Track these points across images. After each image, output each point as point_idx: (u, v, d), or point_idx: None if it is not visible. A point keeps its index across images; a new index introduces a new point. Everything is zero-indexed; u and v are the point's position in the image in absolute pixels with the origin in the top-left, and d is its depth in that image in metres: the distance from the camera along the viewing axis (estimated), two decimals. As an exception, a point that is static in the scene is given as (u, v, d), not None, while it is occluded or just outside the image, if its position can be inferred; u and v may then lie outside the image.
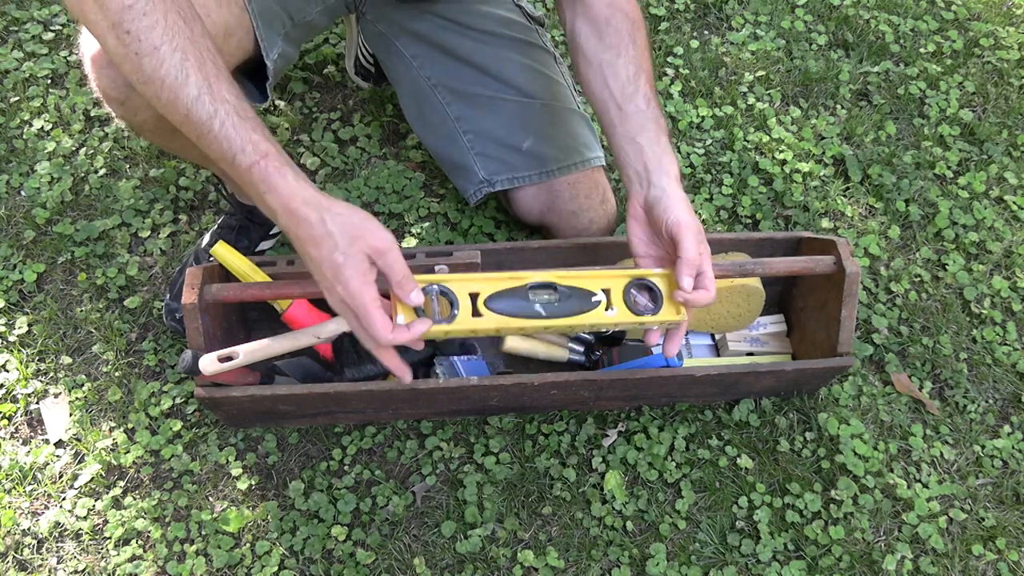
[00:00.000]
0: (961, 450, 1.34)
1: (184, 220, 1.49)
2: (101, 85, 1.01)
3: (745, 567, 1.22)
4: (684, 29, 1.81)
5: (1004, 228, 1.58)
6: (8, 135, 1.55)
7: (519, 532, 1.23)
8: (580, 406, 1.31)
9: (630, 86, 1.10)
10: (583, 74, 1.15)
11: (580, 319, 0.99)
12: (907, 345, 1.44)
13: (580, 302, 0.99)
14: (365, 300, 0.88)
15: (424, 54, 1.37)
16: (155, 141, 1.14)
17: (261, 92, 1.16)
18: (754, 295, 1.30)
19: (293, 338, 1.16)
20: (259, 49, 1.11)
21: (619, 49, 1.11)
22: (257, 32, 1.09)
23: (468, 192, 1.40)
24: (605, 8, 1.13)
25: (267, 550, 1.19)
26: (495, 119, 1.36)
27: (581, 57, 1.14)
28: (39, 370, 1.33)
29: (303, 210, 0.88)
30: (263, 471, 1.26)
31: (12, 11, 1.69)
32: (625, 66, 1.10)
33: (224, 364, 1.10)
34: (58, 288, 1.41)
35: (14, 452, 1.26)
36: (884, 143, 1.68)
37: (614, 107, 1.10)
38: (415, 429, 1.30)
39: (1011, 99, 1.76)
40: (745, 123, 1.68)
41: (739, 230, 1.55)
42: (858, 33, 1.83)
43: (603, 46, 1.12)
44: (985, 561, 1.25)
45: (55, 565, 1.18)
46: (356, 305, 0.88)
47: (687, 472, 1.28)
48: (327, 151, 1.57)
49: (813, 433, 1.33)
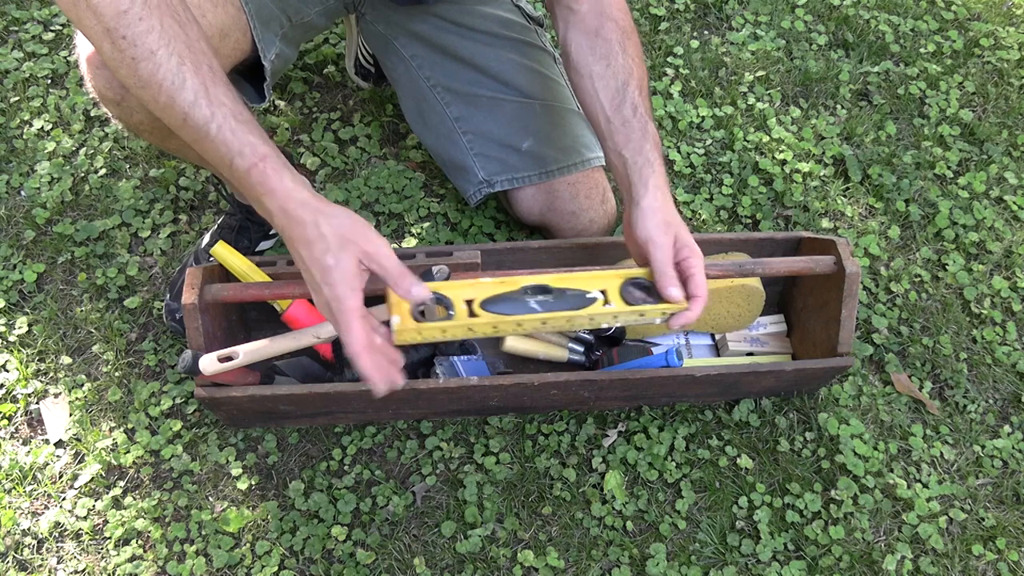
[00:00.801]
0: (961, 450, 1.35)
1: (184, 220, 1.49)
2: (97, 86, 1.01)
3: (745, 567, 1.22)
4: (684, 29, 1.81)
5: (1004, 228, 1.58)
6: (8, 135, 1.55)
7: (519, 532, 1.23)
8: (580, 406, 1.31)
9: (618, 96, 1.10)
10: (576, 86, 1.16)
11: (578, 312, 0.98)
12: (907, 345, 1.44)
13: (576, 300, 0.99)
14: (346, 307, 0.87)
15: (424, 54, 1.37)
16: (153, 141, 1.14)
17: (259, 93, 1.16)
18: (754, 295, 1.30)
19: (293, 338, 1.16)
20: (256, 49, 1.11)
21: (608, 59, 1.11)
22: (254, 32, 1.09)
23: (468, 192, 1.40)
24: (595, 18, 1.13)
25: (267, 550, 1.19)
26: (495, 119, 1.36)
27: (573, 69, 1.15)
28: (39, 370, 1.33)
29: (298, 212, 0.88)
30: (263, 471, 1.26)
31: (12, 11, 1.69)
32: (614, 76, 1.11)
33: (224, 364, 1.10)
34: (58, 288, 1.41)
35: (14, 452, 1.26)
36: (884, 143, 1.68)
37: (603, 119, 1.11)
38: (415, 429, 1.30)
39: (1011, 99, 1.76)
40: (745, 123, 1.68)
41: (739, 230, 1.55)
42: (858, 33, 1.83)
43: (593, 57, 1.12)
44: (985, 561, 1.25)
45: (55, 565, 1.18)
46: (337, 310, 0.88)
47: (687, 472, 1.28)
48: (327, 151, 1.57)
49: (813, 433, 1.33)
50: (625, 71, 1.11)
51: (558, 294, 0.99)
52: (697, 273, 1.01)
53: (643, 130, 1.09)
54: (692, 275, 1.01)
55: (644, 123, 1.09)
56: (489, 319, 0.97)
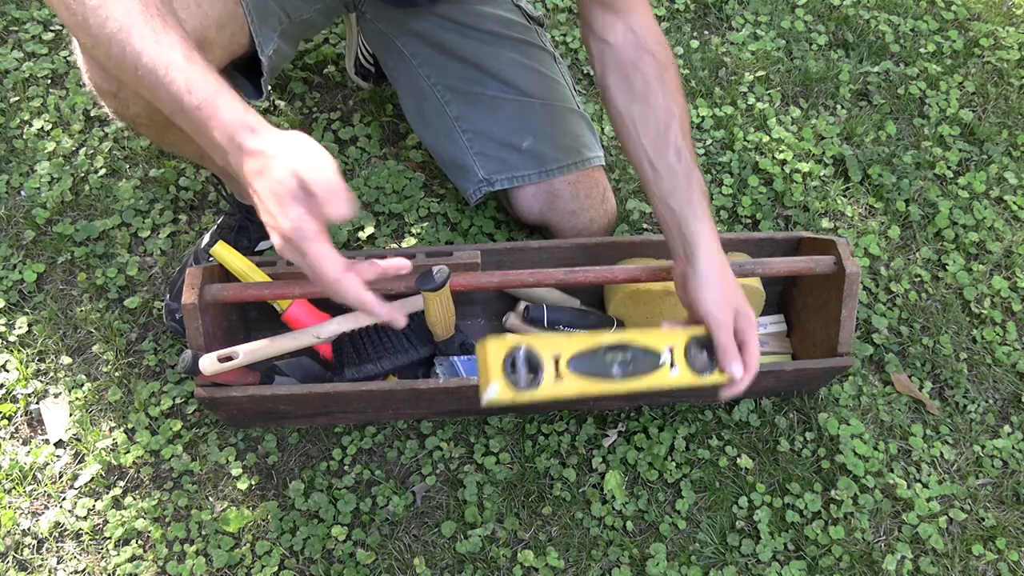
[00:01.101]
0: (961, 450, 1.35)
1: (184, 220, 1.49)
2: (92, 78, 1.01)
3: (745, 567, 1.22)
4: (684, 29, 1.81)
5: (1004, 228, 1.58)
6: (8, 135, 1.55)
7: (519, 532, 1.23)
8: (580, 406, 1.31)
9: (660, 140, 1.06)
10: (617, 129, 1.12)
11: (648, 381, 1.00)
12: (907, 345, 1.44)
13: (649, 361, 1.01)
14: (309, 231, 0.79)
15: (424, 53, 1.37)
16: (151, 136, 1.13)
17: (257, 88, 1.15)
18: (754, 295, 1.30)
19: (293, 338, 1.16)
20: (254, 44, 1.11)
21: (648, 99, 1.07)
22: (252, 27, 1.09)
23: (468, 192, 1.40)
24: (631, 51, 1.09)
25: (267, 550, 1.19)
26: (494, 118, 1.36)
27: (614, 111, 1.11)
28: (39, 370, 1.33)
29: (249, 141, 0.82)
30: (263, 471, 1.26)
31: (12, 11, 1.69)
32: (655, 119, 1.07)
33: (224, 364, 1.10)
34: (58, 288, 1.41)
35: (14, 452, 1.26)
36: (884, 143, 1.68)
37: (648, 165, 1.07)
38: (415, 429, 1.30)
39: (1011, 99, 1.76)
40: (745, 123, 1.68)
41: (739, 230, 1.55)
42: (858, 33, 1.83)
43: (631, 96, 1.08)
44: (985, 561, 1.25)
45: (55, 565, 1.18)
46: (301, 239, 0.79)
47: (687, 472, 1.28)
48: (327, 151, 1.57)
49: (813, 433, 1.33)
50: (666, 112, 1.07)
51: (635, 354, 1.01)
52: (751, 342, 1.01)
53: (688, 177, 1.05)
54: (746, 345, 1.01)
55: (689, 169, 1.05)
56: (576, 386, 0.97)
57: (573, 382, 0.96)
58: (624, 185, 1.57)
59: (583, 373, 0.97)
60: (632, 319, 1.32)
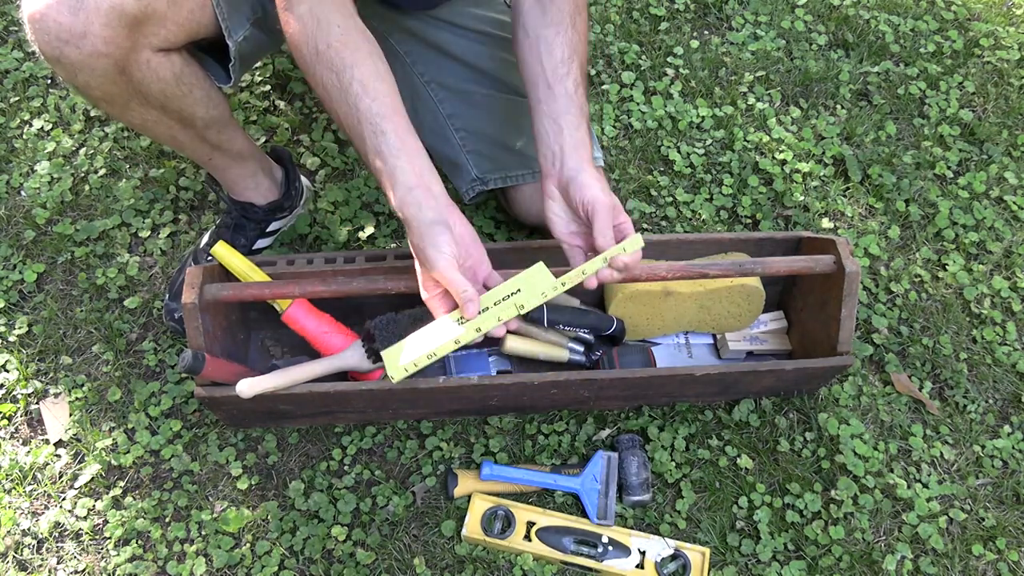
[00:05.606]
0: (961, 450, 1.34)
1: (184, 220, 1.49)
2: (39, 42, 1.03)
3: (745, 567, 1.22)
4: (684, 29, 1.81)
5: (1004, 228, 1.58)
6: (8, 135, 1.55)
7: (519, 532, 1.23)
8: (580, 406, 1.31)
9: (562, 67, 1.10)
10: (520, 45, 1.15)
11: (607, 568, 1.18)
12: (907, 345, 1.44)
13: (618, 554, 1.18)
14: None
15: (418, 51, 1.38)
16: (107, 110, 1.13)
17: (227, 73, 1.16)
18: (754, 295, 1.30)
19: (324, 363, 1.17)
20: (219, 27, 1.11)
21: (559, 28, 1.11)
22: (216, 10, 1.09)
23: (462, 190, 1.40)
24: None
25: (267, 550, 1.19)
26: (487, 117, 1.36)
27: (521, 29, 1.15)
28: (39, 370, 1.33)
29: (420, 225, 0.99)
30: (263, 471, 1.26)
31: (12, 11, 1.69)
32: (561, 46, 1.11)
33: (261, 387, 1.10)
34: (58, 288, 1.41)
35: (14, 452, 1.26)
36: (884, 143, 1.68)
37: (543, 84, 1.11)
38: (415, 429, 1.30)
39: (1011, 99, 1.76)
40: (745, 123, 1.68)
41: (739, 230, 1.55)
42: (858, 33, 1.83)
43: (544, 22, 1.12)
44: (985, 561, 1.25)
45: (55, 565, 1.18)
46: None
47: (687, 472, 1.28)
48: (327, 151, 1.57)
49: (813, 433, 1.33)
50: (571, 45, 1.11)
51: (604, 546, 1.18)
52: (629, 230, 1.04)
53: (581, 109, 1.10)
54: (627, 235, 1.04)
55: (582, 103, 1.10)
56: (536, 548, 1.18)
57: (537, 546, 1.15)
58: (624, 185, 1.57)
59: (549, 545, 1.17)
60: (632, 319, 1.32)
